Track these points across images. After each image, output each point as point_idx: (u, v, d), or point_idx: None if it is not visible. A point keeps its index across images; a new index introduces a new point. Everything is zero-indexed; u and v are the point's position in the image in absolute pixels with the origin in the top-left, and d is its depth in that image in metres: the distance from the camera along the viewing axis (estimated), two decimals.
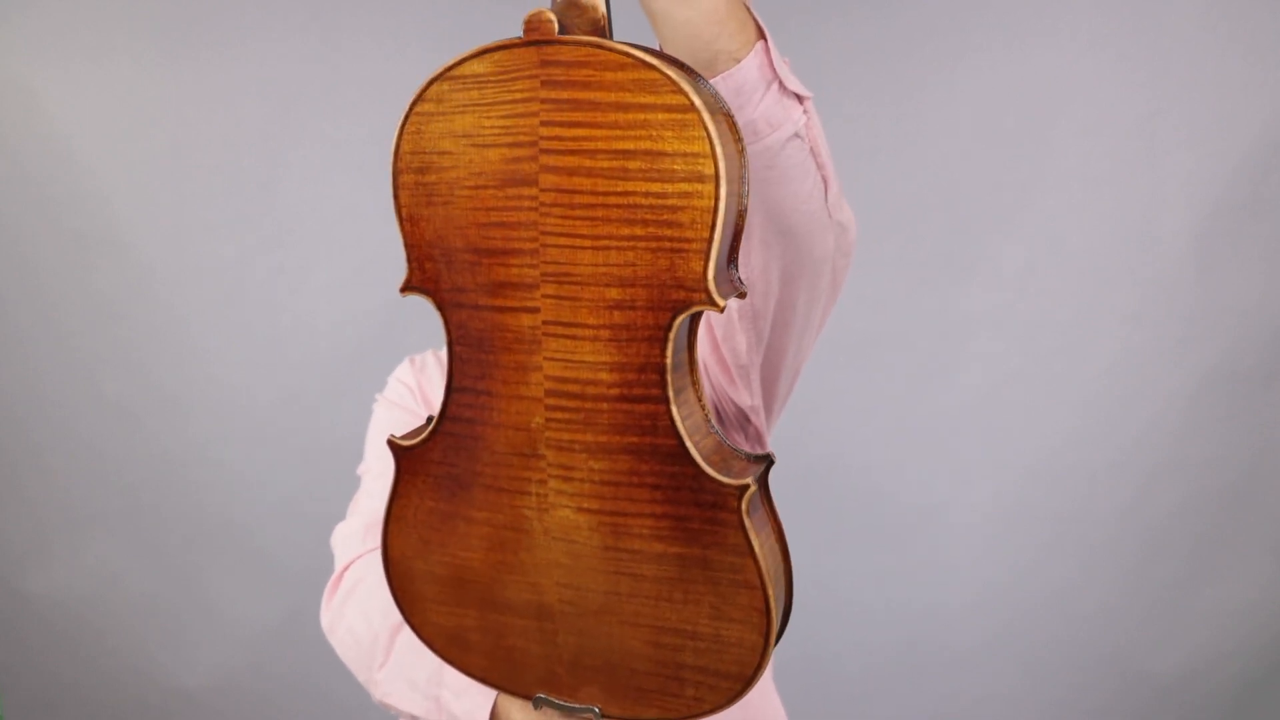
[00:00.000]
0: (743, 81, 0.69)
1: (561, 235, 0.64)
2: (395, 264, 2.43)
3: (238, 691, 2.26)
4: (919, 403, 2.18)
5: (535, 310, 0.66)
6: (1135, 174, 2.06)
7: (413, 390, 1.08)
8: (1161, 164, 2.05)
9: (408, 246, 0.69)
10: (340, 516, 1.03)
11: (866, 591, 2.24)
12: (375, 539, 0.95)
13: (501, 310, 0.68)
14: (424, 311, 2.27)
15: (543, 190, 0.64)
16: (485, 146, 0.65)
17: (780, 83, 0.71)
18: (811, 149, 0.75)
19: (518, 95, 0.63)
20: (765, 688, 1.07)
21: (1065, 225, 2.10)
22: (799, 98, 0.74)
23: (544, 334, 0.67)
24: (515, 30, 0.64)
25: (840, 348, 1.85)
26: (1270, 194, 2.02)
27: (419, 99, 0.66)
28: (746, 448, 1.03)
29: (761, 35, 0.71)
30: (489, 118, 0.64)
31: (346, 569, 0.95)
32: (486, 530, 0.74)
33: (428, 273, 0.69)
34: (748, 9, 0.71)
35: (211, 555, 2.22)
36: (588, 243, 0.63)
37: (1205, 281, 2.07)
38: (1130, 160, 2.05)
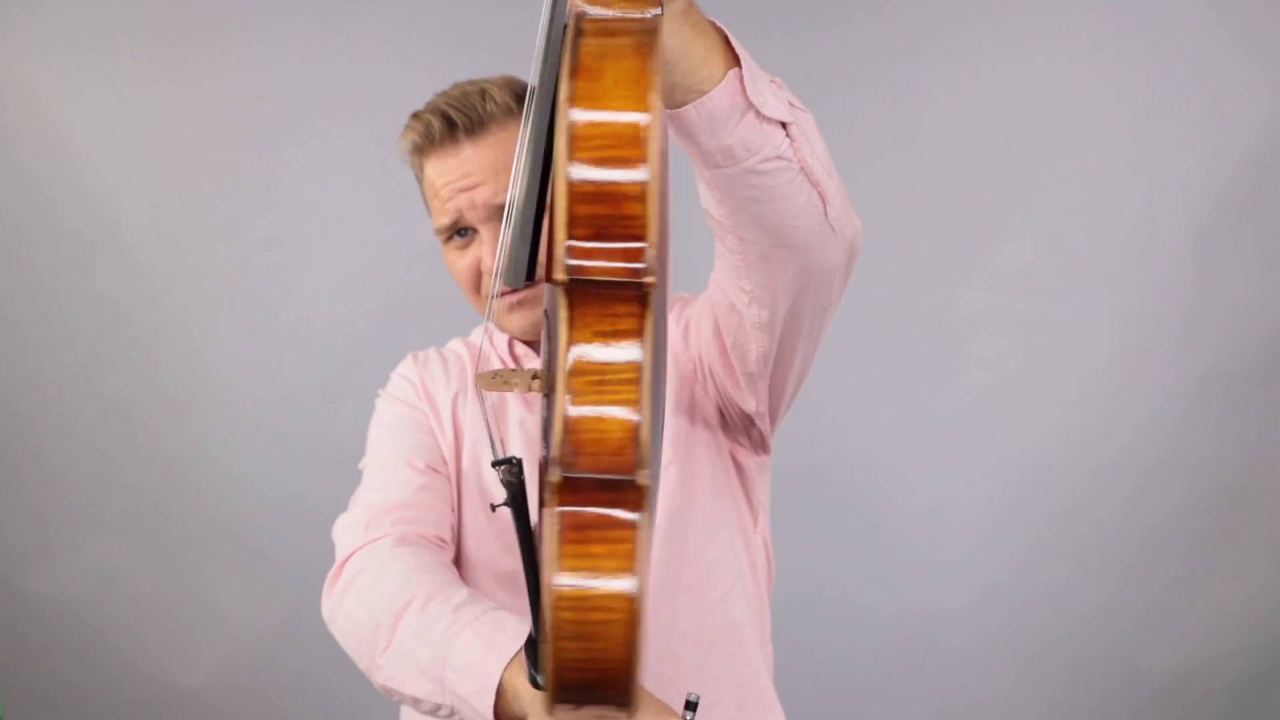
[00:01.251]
0: (713, 110, 0.70)
1: None
2: (395, 264, 2.43)
3: (238, 691, 2.26)
4: (919, 403, 2.18)
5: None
6: (1135, 174, 2.06)
7: (415, 385, 1.08)
8: (1161, 164, 2.05)
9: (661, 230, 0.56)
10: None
11: (866, 592, 2.24)
12: (377, 531, 0.96)
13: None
14: (424, 311, 2.26)
15: None
16: None
17: (756, 111, 0.71)
18: (802, 168, 0.76)
19: None
20: (764, 690, 1.07)
21: (1065, 225, 2.10)
22: (783, 123, 0.74)
23: None
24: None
25: (840, 348, 1.84)
26: (1270, 194, 2.02)
27: None
28: (750, 451, 1.06)
29: (737, 63, 0.71)
30: None
31: (348, 559, 0.95)
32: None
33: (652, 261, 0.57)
34: (725, 41, 0.70)
35: (211, 555, 2.22)
36: None
37: (1204, 281, 2.07)
38: (1130, 160, 2.05)
